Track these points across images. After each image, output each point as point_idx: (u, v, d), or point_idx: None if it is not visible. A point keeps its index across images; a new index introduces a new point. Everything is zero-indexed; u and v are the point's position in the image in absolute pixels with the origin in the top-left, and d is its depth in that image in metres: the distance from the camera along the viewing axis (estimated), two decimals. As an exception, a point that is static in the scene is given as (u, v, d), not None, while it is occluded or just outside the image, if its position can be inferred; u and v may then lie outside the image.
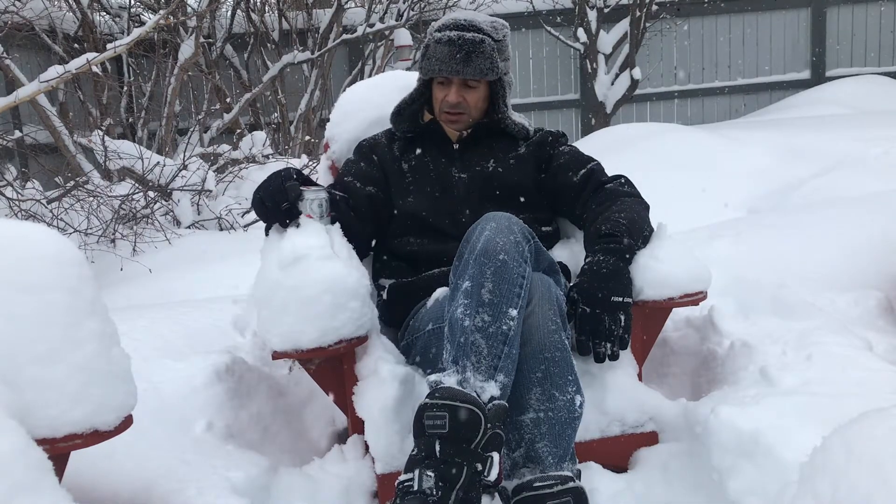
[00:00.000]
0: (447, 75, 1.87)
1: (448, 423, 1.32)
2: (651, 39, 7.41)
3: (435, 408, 1.34)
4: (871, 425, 1.01)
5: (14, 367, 1.13)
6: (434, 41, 1.88)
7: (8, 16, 4.18)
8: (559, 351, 1.49)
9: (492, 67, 1.86)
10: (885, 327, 2.15)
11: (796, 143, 4.16)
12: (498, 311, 1.45)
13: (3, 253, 1.17)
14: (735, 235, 2.72)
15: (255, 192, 1.70)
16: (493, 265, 1.47)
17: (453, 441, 1.33)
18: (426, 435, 1.35)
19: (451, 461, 1.32)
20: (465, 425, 1.33)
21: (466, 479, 1.31)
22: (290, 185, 1.64)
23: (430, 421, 1.34)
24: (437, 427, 1.33)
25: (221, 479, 1.51)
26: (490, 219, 1.56)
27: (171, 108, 4.98)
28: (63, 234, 1.65)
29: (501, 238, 1.50)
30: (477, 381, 1.40)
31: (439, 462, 1.32)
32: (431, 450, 1.33)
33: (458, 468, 1.31)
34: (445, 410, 1.33)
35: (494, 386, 1.40)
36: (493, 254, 1.48)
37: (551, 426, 1.45)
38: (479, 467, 1.33)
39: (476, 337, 1.43)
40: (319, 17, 6.63)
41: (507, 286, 1.47)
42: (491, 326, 1.44)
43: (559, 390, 1.47)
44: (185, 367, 1.79)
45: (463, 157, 1.96)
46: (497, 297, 1.45)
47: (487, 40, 1.85)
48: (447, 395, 1.35)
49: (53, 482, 1.07)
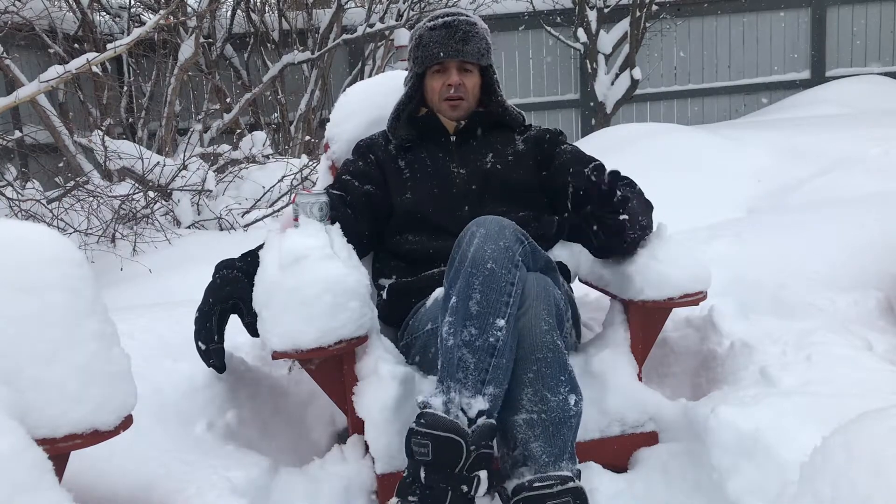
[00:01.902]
0: (448, 57, 1.91)
1: (431, 451, 1.36)
2: (651, 39, 7.41)
3: (419, 435, 1.37)
4: (871, 425, 1.01)
5: (14, 368, 1.13)
6: (427, 30, 1.93)
7: (8, 16, 4.18)
8: (551, 351, 1.49)
9: (487, 50, 1.95)
10: (885, 327, 2.15)
11: (796, 143, 4.16)
12: (485, 324, 1.45)
13: (4, 253, 1.17)
14: (735, 235, 2.72)
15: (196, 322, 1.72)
16: (480, 275, 1.47)
17: (437, 467, 1.36)
18: (414, 459, 1.38)
19: (436, 486, 1.35)
20: (447, 453, 1.36)
21: (452, 501, 1.35)
22: (215, 348, 1.70)
23: (416, 447, 1.38)
24: (422, 455, 1.37)
25: (221, 479, 1.50)
26: (480, 224, 1.55)
27: (171, 108, 4.98)
28: (63, 234, 1.65)
29: (490, 245, 1.50)
30: (463, 398, 1.41)
31: (424, 488, 1.36)
32: (417, 475, 1.37)
33: (442, 493, 1.35)
34: (428, 439, 1.36)
35: (482, 400, 1.41)
36: (480, 263, 1.48)
37: (545, 427, 1.44)
38: (464, 489, 1.36)
39: (463, 352, 1.44)
40: (319, 17, 6.63)
41: (494, 296, 1.46)
42: (478, 340, 1.44)
43: (551, 391, 1.46)
44: (185, 367, 1.79)
45: (460, 151, 1.97)
46: (484, 308, 1.45)
47: (479, 24, 1.95)
48: (430, 422, 1.38)
49: (53, 482, 1.07)
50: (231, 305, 1.69)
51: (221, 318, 1.70)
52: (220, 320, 1.70)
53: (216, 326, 1.69)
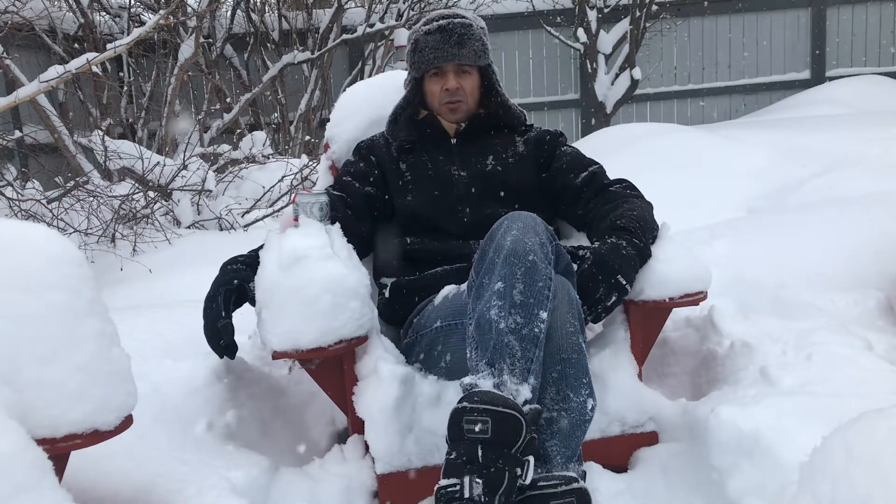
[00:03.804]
0: (444, 62, 1.89)
1: (490, 427, 1.30)
2: (651, 39, 7.41)
3: (476, 412, 1.31)
4: (871, 425, 1.01)
5: (14, 367, 1.13)
6: (423, 34, 1.92)
7: (8, 16, 4.17)
8: (576, 353, 1.48)
9: (484, 50, 1.93)
10: (885, 327, 2.15)
11: (796, 143, 4.16)
12: (530, 314, 1.43)
13: (4, 253, 1.17)
14: (735, 235, 2.72)
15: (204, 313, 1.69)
16: (523, 266, 1.45)
17: (496, 446, 1.30)
18: (466, 440, 1.32)
19: (495, 467, 1.29)
20: (508, 430, 1.31)
21: (508, 484, 1.30)
22: (223, 325, 1.65)
23: (469, 426, 1.31)
24: (480, 432, 1.30)
25: (221, 479, 1.51)
26: (516, 218, 1.53)
27: (171, 108, 4.98)
28: (63, 234, 1.65)
29: (529, 238, 1.48)
30: (512, 383, 1.38)
31: (482, 468, 1.29)
32: (474, 455, 1.30)
33: (500, 474, 1.29)
34: (488, 415, 1.30)
35: (527, 389, 1.39)
36: (522, 254, 1.46)
37: (562, 427, 1.44)
38: (518, 472, 1.31)
39: (510, 339, 1.41)
40: (319, 17, 6.63)
41: (537, 287, 1.45)
42: (524, 329, 1.42)
43: (574, 391, 1.46)
44: (185, 367, 1.79)
45: (461, 153, 1.97)
46: (528, 298, 1.43)
47: (475, 25, 1.93)
48: (487, 399, 1.32)
49: (53, 482, 1.07)
50: (236, 286, 1.68)
51: (227, 297, 1.68)
52: (225, 299, 1.67)
53: (223, 304, 1.67)
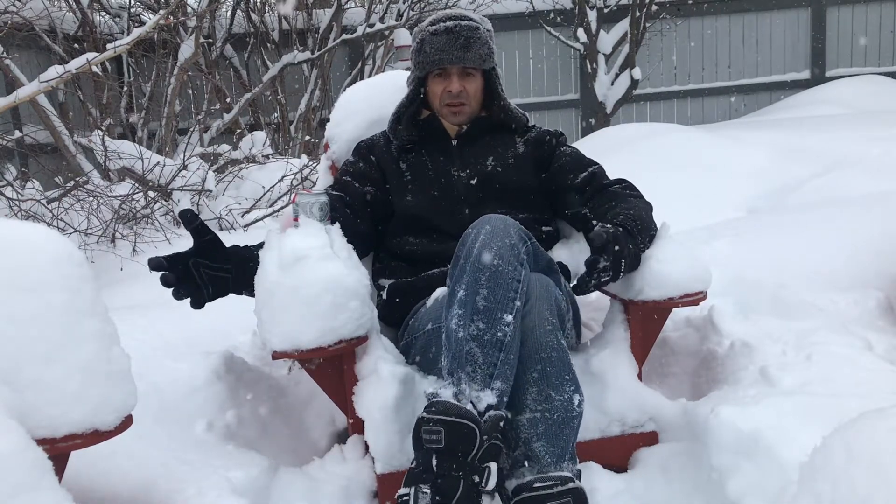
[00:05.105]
0: (449, 64, 1.89)
1: (444, 437, 1.34)
2: (651, 39, 7.41)
3: (431, 422, 1.35)
4: (871, 425, 1.01)
5: (14, 367, 1.13)
6: (429, 34, 1.90)
7: (8, 16, 4.17)
8: (555, 351, 1.49)
9: (489, 54, 1.92)
10: (885, 327, 2.15)
11: (796, 143, 4.16)
12: (492, 318, 1.45)
13: (4, 253, 1.17)
14: (735, 235, 2.72)
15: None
16: (487, 271, 1.47)
17: (450, 455, 1.34)
18: (424, 449, 1.36)
19: (448, 475, 1.33)
20: (461, 440, 1.34)
21: (464, 491, 1.32)
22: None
23: (426, 436, 1.35)
24: (434, 442, 1.34)
25: (221, 479, 1.51)
26: (486, 222, 1.55)
27: (171, 108, 4.98)
28: (63, 234, 1.65)
29: (496, 242, 1.50)
30: (472, 391, 1.41)
31: (436, 476, 1.33)
32: (429, 464, 1.34)
33: (454, 482, 1.32)
34: (441, 425, 1.34)
35: (491, 394, 1.41)
36: (487, 259, 1.48)
37: (548, 426, 1.44)
38: (476, 479, 1.34)
39: (471, 346, 1.43)
40: (319, 17, 6.63)
41: (501, 292, 1.47)
42: (486, 334, 1.44)
43: (556, 390, 1.46)
44: (185, 367, 1.79)
45: (462, 155, 1.96)
46: (492, 303, 1.45)
47: (482, 28, 1.92)
48: (442, 409, 1.36)
49: (53, 482, 1.07)
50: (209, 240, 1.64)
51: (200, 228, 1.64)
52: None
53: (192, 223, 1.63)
